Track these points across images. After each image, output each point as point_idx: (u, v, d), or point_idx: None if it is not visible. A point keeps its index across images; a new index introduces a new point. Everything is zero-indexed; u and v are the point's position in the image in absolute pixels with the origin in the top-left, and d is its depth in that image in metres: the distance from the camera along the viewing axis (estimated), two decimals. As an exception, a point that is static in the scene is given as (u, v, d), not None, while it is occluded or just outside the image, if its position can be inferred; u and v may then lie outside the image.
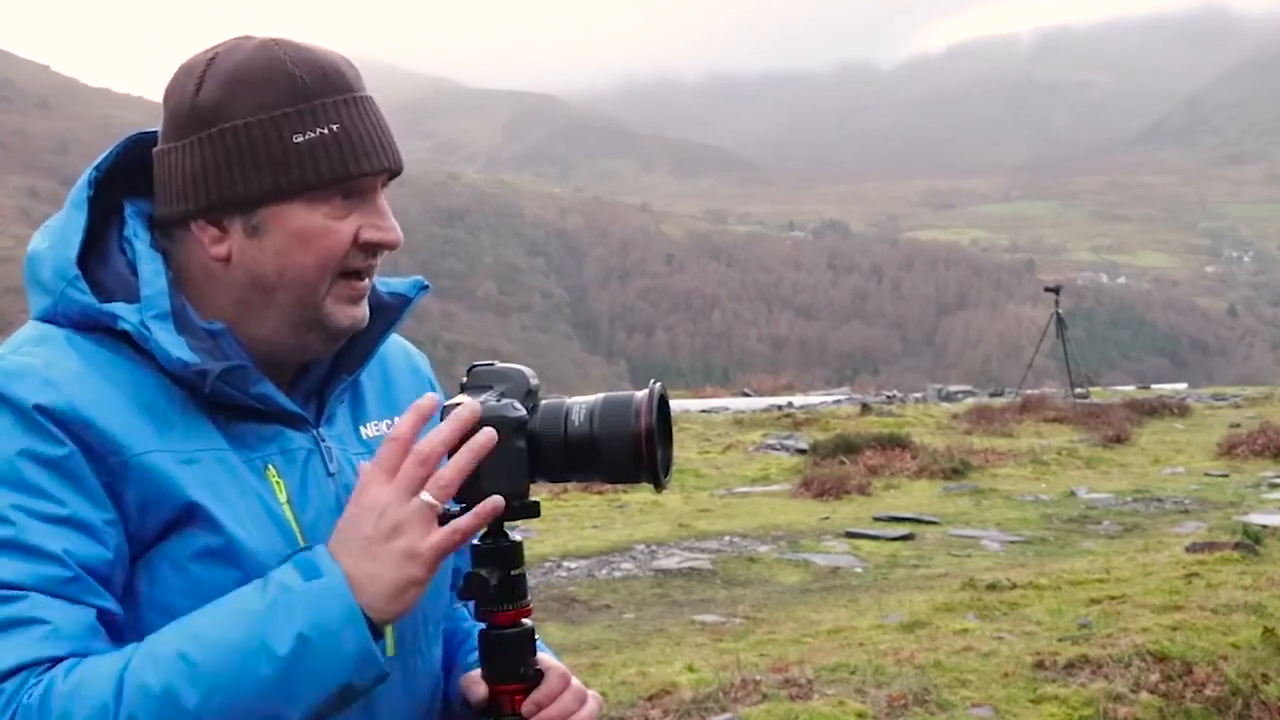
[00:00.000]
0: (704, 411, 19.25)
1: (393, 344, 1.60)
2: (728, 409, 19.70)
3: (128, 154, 1.43)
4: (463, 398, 1.39)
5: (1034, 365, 22.60)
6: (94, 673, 1.19)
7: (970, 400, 21.68)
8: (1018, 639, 5.75)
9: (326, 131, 1.34)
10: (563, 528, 9.94)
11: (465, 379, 1.43)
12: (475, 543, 1.41)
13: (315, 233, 1.36)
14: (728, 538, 9.39)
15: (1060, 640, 5.64)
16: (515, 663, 1.40)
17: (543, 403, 1.41)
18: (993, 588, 6.83)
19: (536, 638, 1.42)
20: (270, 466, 1.38)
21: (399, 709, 1.46)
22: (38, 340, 1.34)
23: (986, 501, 11.07)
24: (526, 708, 1.40)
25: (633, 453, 1.37)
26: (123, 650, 1.22)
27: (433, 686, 1.53)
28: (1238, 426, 15.23)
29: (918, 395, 24.69)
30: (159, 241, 1.41)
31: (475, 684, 1.42)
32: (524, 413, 1.37)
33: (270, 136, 1.33)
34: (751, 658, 5.66)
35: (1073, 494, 11.40)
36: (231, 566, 1.31)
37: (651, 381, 1.41)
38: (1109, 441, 14.58)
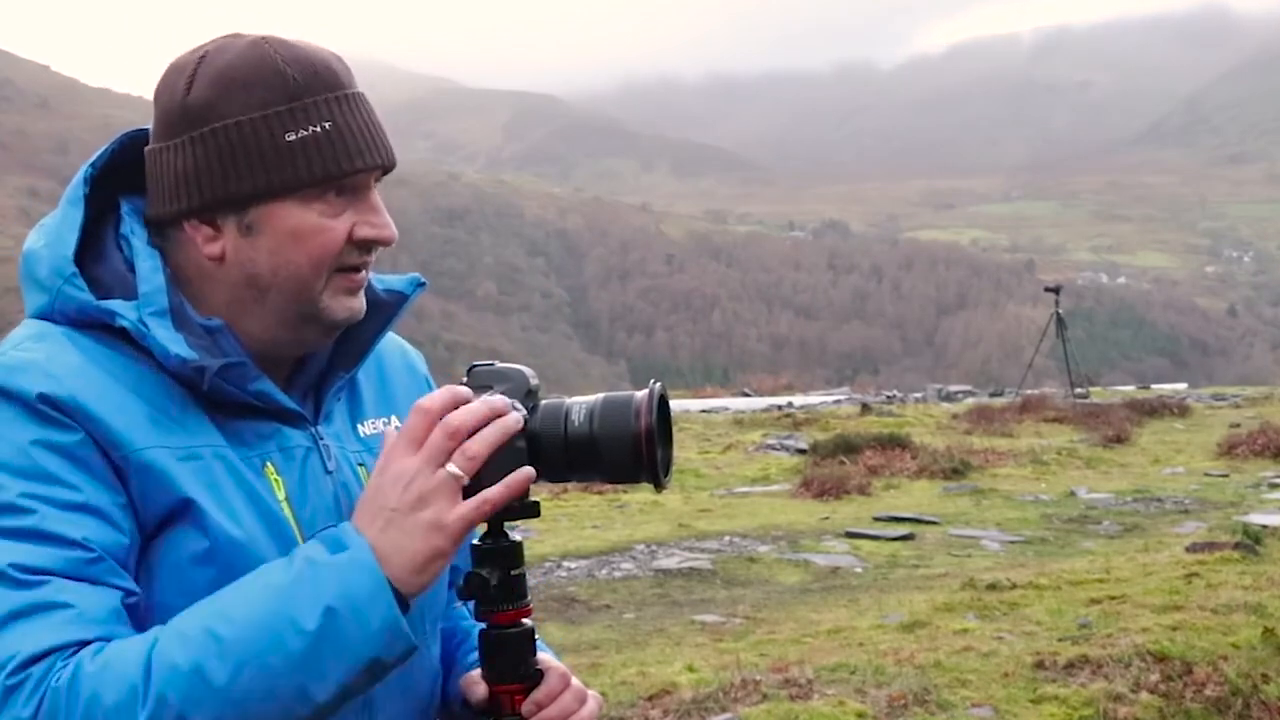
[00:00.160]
0: (704, 411, 19.25)
1: (389, 342, 1.60)
2: (728, 409, 19.70)
3: (123, 151, 1.42)
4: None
5: (1034, 365, 22.60)
6: (121, 654, 1.19)
7: (970, 400, 21.68)
8: (1018, 639, 5.75)
9: (319, 129, 1.34)
10: (563, 528, 9.94)
11: (465, 379, 1.42)
12: (475, 542, 1.41)
13: (309, 231, 1.36)
14: (728, 538, 9.39)
15: (1060, 640, 5.64)
16: (515, 663, 1.40)
17: (543, 403, 1.41)
18: (993, 588, 6.83)
19: (536, 638, 1.42)
20: (269, 464, 1.38)
21: (397, 707, 1.46)
22: (36, 337, 1.34)
23: (986, 501, 11.07)
24: (526, 708, 1.39)
25: (633, 453, 1.36)
26: (148, 632, 1.22)
27: (431, 684, 1.53)
28: (1238, 426, 15.23)
29: (918, 395, 24.70)
30: (153, 241, 1.41)
31: (475, 684, 1.42)
32: (524, 413, 1.37)
33: (262, 135, 1.33)
34: (751, 658, 5.66)
35: (1073, 494, 11.40)
36: (223, 566, 1.30)
37: (651, 381, 1.41)
38: (1109, 441, 14.58)
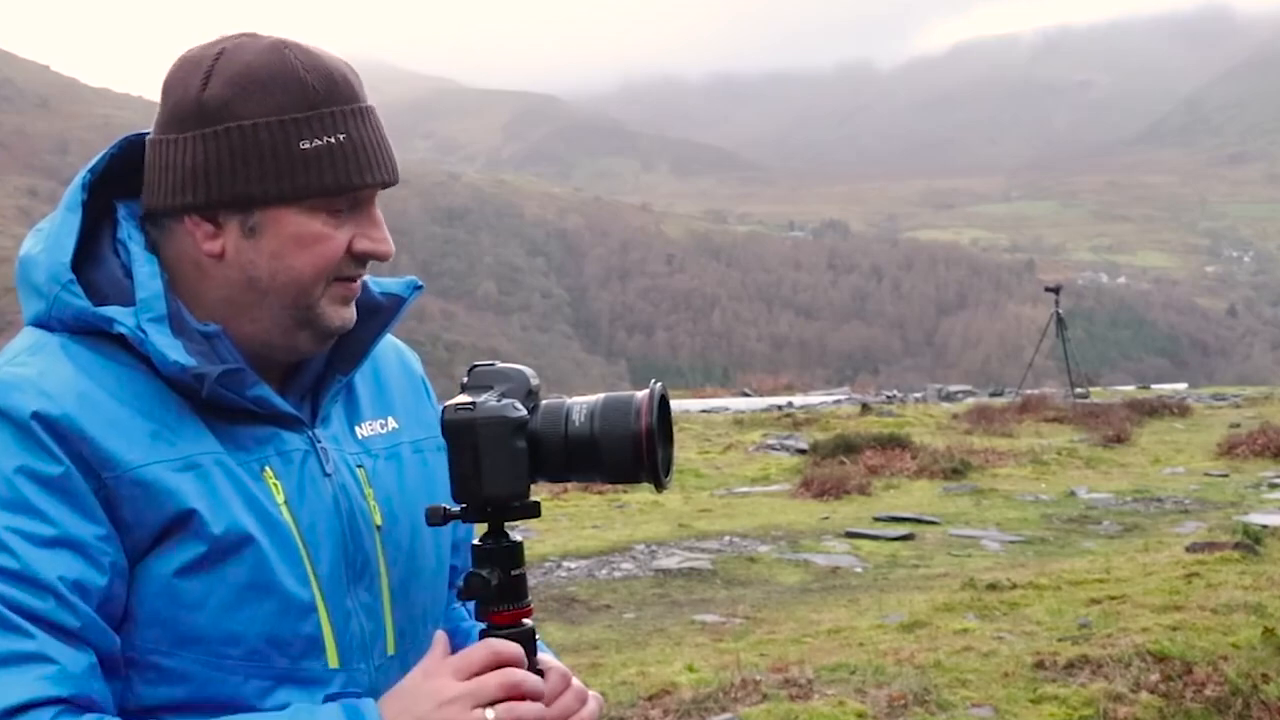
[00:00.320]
0: (704, 411, 19.24)
1: (385, 344, 1.60)
2: (728, 409, 19.69)
3: (121, 155, 1.42)
4: (463, 398, 1.39)
5: (1034, 365, 22.58)
6: None
7: (970, 400, 21.67)
8: (1018, 639, 5.75)
9: (334, 140, 1.34)
10: (563, 528, 9.94)
11: (465, 379, 1.43)
12: (476, 543, 1.41)
13: (311, 239, 1.36)
14: (728, 538, 9.39)
15: (1060, 640, 5.65)
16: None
17: (543, 403, 1.41)
18: (993, 588, 6.83)
19: (537, 638, 1.42)
20: (267, 468, 1.38)
21: None
22: (31, 350, 1.34)
23: (986, 501, 11.07)
24: (526, 708, 1.39)
25: (633, 453, 1.37)
26: None
27: None
28: (1238, 426, 15.23)
29: (918, 395, 24.68)
30: (148, 231, 1.40)
31: (475, 684, 1.42)
32: (524, 413, 1.37)
33: (278, 140, 1.33)
34: (751, 658, 5.66)
35: (1073, 494, 11.40)
36: (219, 571, 1.31)
37: (652, 381, 1.41)
38: (1109, 441, 14.57)
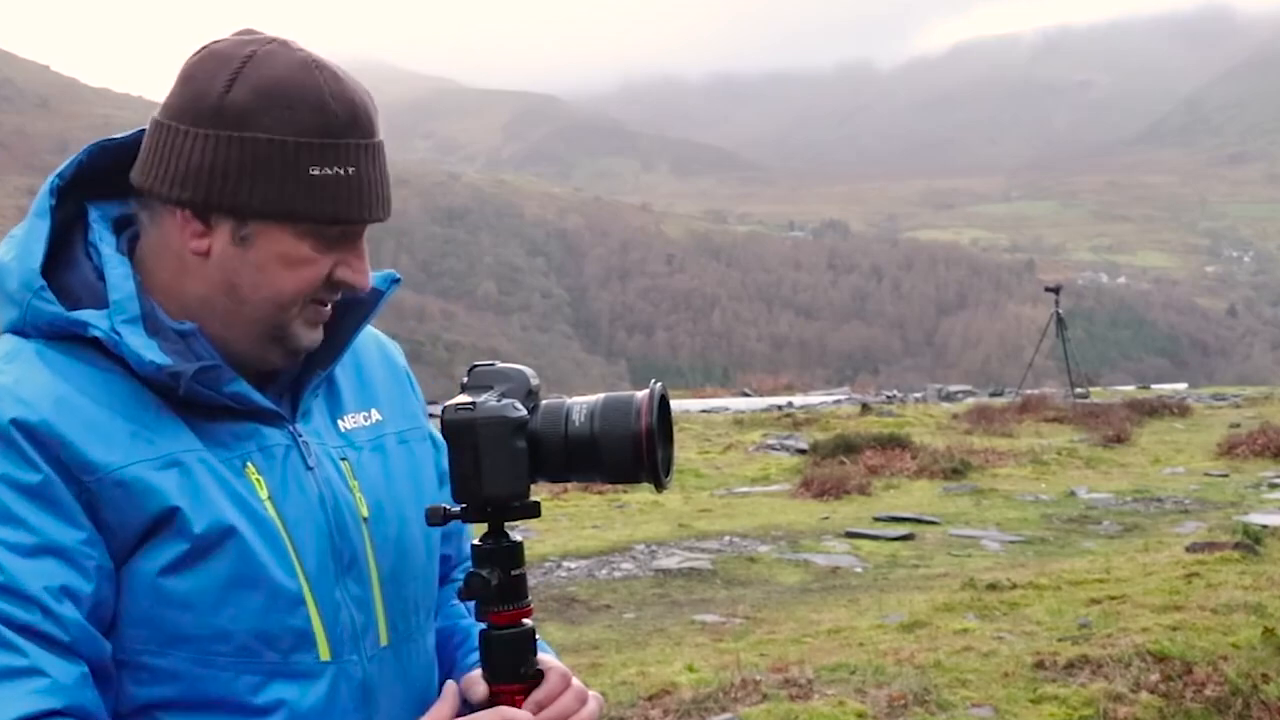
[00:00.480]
0: (704, 411, 19.24)
1: (366, 337, 1.61)
2: (728, 409, 19.69)
3: (90, 161, 1.42)
4: (463, 398, 1.39)
5: (1034, 365, 22.58)
6: None
7: (970, 400, 21.67)
8: (1018, 639, 5.75)
9: (343, 172, 1.35)
10: (563, 528, 9.94)
11: (465, 379, 1.43)
12: (476, 543, 1.41)
13: (298, 260, 1.37)
14: (728, 538, 9.39)
15: (1060, 640, 5.65)
16: (516, 663, 1.40)
17: (543, 403, 1.41)
18: (993, 588, 6.83)
19: (537, 638, 1.43)
20: (249, 464, 1.38)
21: (396, 697, 1.47)
22: (6, 357, 1.34)
23: (986, 501, 11.07)
24: (527, 708, 1.40)
25: (633, 453, 1.37)
26: None
27: (428, 673, 1.55)
28: (1238, 426, 15.23)
29: (918, 395, 24.69)
30: (136, 215, 1.41)
31: (475, 684, 1.42)
32: (524, 413, 1.37)
33: (290, 160, 1.33)
34: (751, 658, 5.66)
35: (1073, 494, 11.40)
36: (204, 567, 1.31)
37: (652, 381, 1.41)
38: (1109, 441, 14.57)
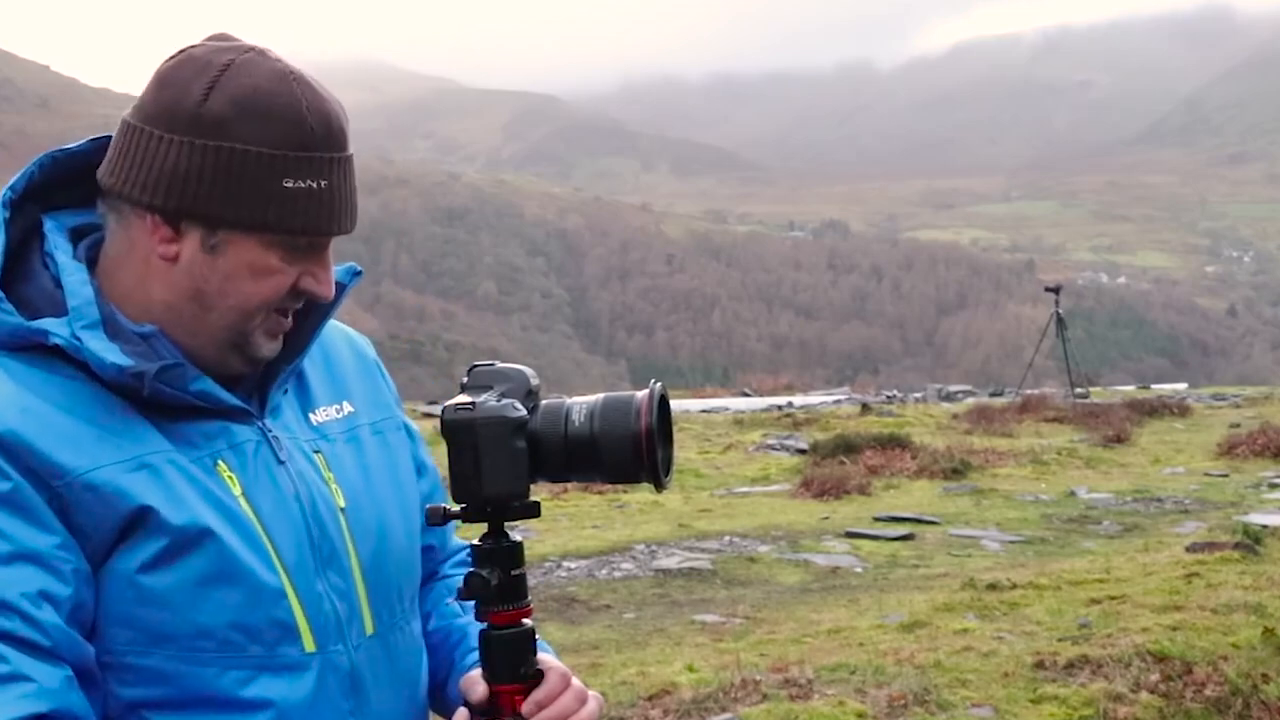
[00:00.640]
0: (704, 411, 19.24)
1: (333, 331, 1.62)
2: (728, 409, 19.69)
3: (42, 173, 1.42)
4: (463, 398, 1.39)
5: (1034, 365, 22.57)
6: None
7: (970, 400, 21.67)
8: (1018, 639, 5.75)
9: (315, 185, 1.36)
10: (563, 528, 9.94)
11: (465, 379, 1.43)
12: (475, 543, 1.41)
13: (266, 270, 1.38)
14: (728, 538, 9.39)
15: (1060, 640, 5.65)
16: (515, 663, 1.40)
17: (543, 403, 1.41)
18: (993, 588, 6.83)
19: (537, 638, 1.43)
20: (220, 462, 1.38)
21: (385, 685, 1.48)
22: None
23: (986, 501, 11.07)
24: (527, 708, 1.40)
25: (633, 453, 1.37)
26: None
27: (417, 660, 1.55)
28: (1238, 426, 15.23)
29: (918, 395, 24.69)
30: (105, 216, 1.40)
31: (475, 684, 1.42)
32: (524, 413, 1.38)
33: (264, 172, 1.34)
34: (751, 658, 5.66)
35: (1073, 494, 11.40)
36: (182, 564, 1.31)
37: (651, 381, 1.41)
38: (1109, 441, 14.57)
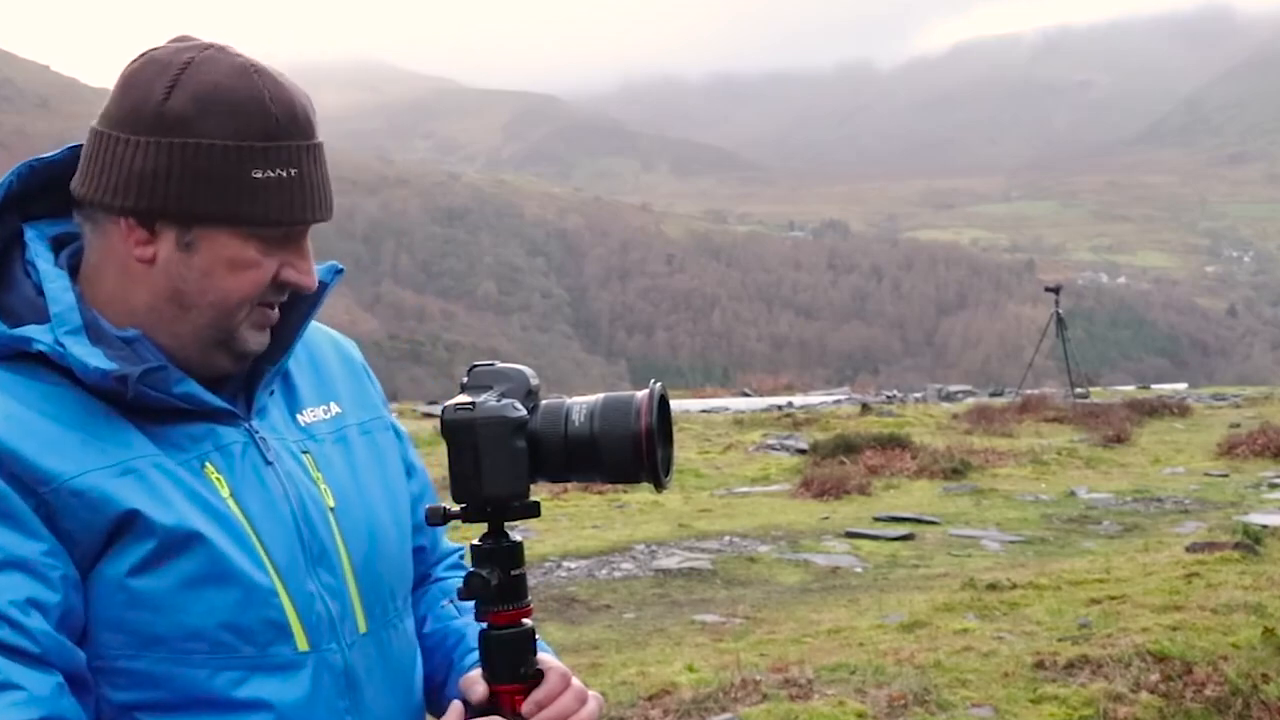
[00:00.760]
0: (704, 411, 19.24)
1: (318, 333, 1.62)
2: (728, 409, 19.69)
3: (20, 182, 1.42)
4: (463, 398, 1.39)
5: (1034, 365, 22.57)
6: None
7: (970, 400, 21.67)
8: (1018, 639, 5.75)
9: (285, 174, 1.36)
10: (563, 528, 9.94)
11: (465, 379, 1.43)
12: (475, 543, 1.41)
13: (244, 264, 1.37)
14: (728, 538, 9.39)
15: (1060, 640, 5.65)
16: (515, 663, 1.40)
17: (543, 403, 1.41)
18: (993, 588, 6.83)
19: (537, 638, 1.43)
20: (208, 464, 1.38)
21: (380, 683, 1.47)
22: None
23: (986, 501, 11.07)
24: (527, 708, 1.40)
25: (633, 453, 1.37)
26: None
27: (411, 657, 1.55)
28: (1238, 426, 15.23)
29: (918, 395, 24.69)
30: (82, 221, 1.40)
31: (475, 684, 1.42)
32: (524, 413, 1.38)
33: (232, 165, 1.33)
34: (751, 658, 5.66)
35: (1073, 494, 11.40)
36: (171, 566, 1.31)
37: (651, 381, 1.41)
38: (1109, 441, 14.57)
